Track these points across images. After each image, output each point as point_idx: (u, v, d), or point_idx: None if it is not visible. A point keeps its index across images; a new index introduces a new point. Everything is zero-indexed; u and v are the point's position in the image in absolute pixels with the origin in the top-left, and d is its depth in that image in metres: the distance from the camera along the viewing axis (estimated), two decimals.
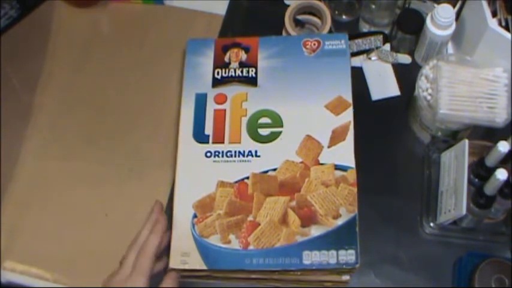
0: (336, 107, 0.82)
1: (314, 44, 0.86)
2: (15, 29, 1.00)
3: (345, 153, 0.80)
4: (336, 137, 0.81)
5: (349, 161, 0.79)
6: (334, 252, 0.74)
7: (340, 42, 0.86)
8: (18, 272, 0.86)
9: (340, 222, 0.76)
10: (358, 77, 0.94)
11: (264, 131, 0.82)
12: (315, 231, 0.76)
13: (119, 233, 0.85)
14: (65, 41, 0.99)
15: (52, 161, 0.93)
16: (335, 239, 0.75)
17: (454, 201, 0.79)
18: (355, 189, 0.78)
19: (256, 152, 0.81)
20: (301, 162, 0.80)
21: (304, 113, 0.82)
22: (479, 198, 0.79)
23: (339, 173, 0.79)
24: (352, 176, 0.78)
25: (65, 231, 0.89)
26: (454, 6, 0.88)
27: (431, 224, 0.83)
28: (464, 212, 0.77)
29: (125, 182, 0.91)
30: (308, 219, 0.77)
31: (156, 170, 0.89)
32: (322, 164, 0.79)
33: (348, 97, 0.82)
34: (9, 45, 1.00)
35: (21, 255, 0.87)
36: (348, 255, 0.74)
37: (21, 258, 0.87)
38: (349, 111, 0.82)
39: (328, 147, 0.80)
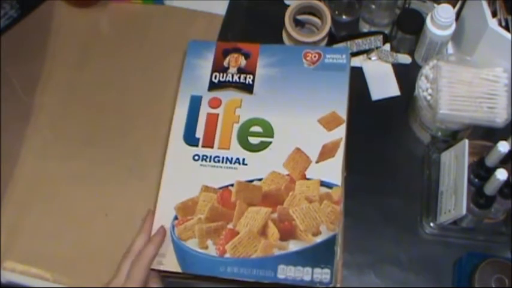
0: (329, 123, 0.81)
1: (315, 56, 0.85)
2: (15, 29, 1.00)
3: (332, 170, 0.78)
4: (326, 152, 0.79)
5: (336, 178, 0.78)
6: (309, 269, 0.73)
7: (341, 57, 0.85)
8: (18, 272, 0.86)
9: (319, 239, 0.75)
10: (358, 77, 0.94)
11: (254, 140, 0.81)
12: (293, 246, 0.75)
13: (119, 233, 0.86)
14: (65, 41, 0.99)
15: (52, 161, 0.93)
16: (312, 256, 0.74)
17: (454, 201, 0.79)
18: (338, 208, 0.76)
19: (244, 160, 0.80)
20: (288, 175, 0.78)
21: (296, 125, 0.81)
22: (479, 198, 0.79)
23: (324, 189, 0.77)
24: (337, 193, 0.77)
25: (65, 231, 0.89)
26: (454, 6, 0.88)
27: (431, 224, 0.83)
28: (464, 212, 0.77)
29: (125, 182, 0.91)
30: (287, 233, 0.75)
31: (156, 170, 0.89)
32: (308, 178, 0.78)
33: (343, 113, 0.81)
34: (9, 45, 1.00)
35: (21, 255, 0.87)
36: (322, 274, 0.73)
37: (21, 258, 0.87)
38: (341, 127, 0.80)
39: (317, 162, 0.79)
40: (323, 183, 0.78)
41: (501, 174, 0.73)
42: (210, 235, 0.76)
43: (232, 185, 0.78)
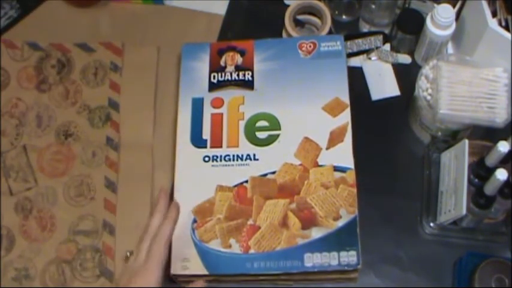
0: (333, 109, 0.82)
1: (310, 46, 0.86)
2: (15, 29, 1.00)
3: (343, 155, 0.80)
4: (334, 138, 0.81)
5: (348, 162, 0.79)
6: (335, 253, 0.74)
7: (335, 44, 0.86)
8: None
9: (340, 223, 0.76)
10: (358, 77, 0.94)
11: (261, 134, 0.82)
12: (315, 233, 0.76)
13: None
14: (65, 41, 0.98)
15: None
16: (336, 241, 0.75)
17: (454, 201, 0.79)
18: (355, 190, 0.78)
19: (254, 155, 0.81)
20: (300, 165, 0.80)
21: (302, 115, 0.82)
22: (479, 198, 0.79)
23: (338, 174, 0.79)
24: (351, 177, 0.78)
25: None
26: (454, 6, 0.88)
27: (431, 224, 0.83)
28: (464, 212, 0.77)
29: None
30: (308, 221, 0.77)
31: (156, 170, 0.89)
32: (321, 165, 0.79)
33: (345, 98, 0.82)
34: None
35: None
36: (349, 257, 0.74)
37: None
38: (346, 112, 0.82)
39: (327, 148, 0.80)
40: (336, 168, 0.79)
41: (501, 174, 0.73)
42: (232, 233, 0.77)
43: (246, 182, 0.79)
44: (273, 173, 0.80)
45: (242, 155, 0.81)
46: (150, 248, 0.73)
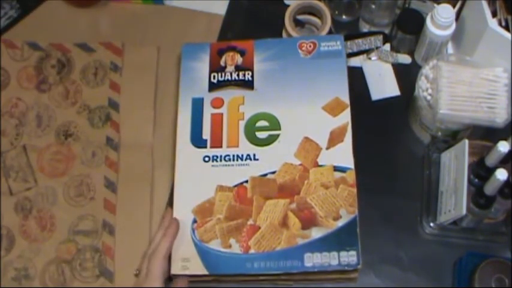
0: (333, 109, 0.82)
1: (310, 46, 0.86)
2: (15, 29, 1.00)
3: (343, 154, 0.80)
4: (334, 138, 0.81)
5: (348, 162, 0.79)
6: (335, 253, 0.74)
7: (335, 43, 0.86)
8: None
9: (340, 223, 0.76)
10: (358, 77, 0.94)
11: (261, 134, 0.82)
12: (315, 233, 0.76)
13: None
14: (65, 41, 0.98)
15: None
16: (336, 241, 0.75)
17: (454, 201, 0.79)
18: (355, 190, 0.78)
19: (254, 155, 0.81)
20: (300, 165, 0.80)
21: (302, 115, 0.82)
22: (479, 198, 0.79)
23: (338, 174, 0.79)
24: (351, 176, 0.78)
25: None
26: (454, 6, 0.88)
27: (431, 224, 0.83)
28: (464, 212, 0.77)
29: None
30: (308, 221, 0.77)
31: (156, 170, 0.89)
32: (321, 165, 0.79)
33: (345, 98, 0.82)
34: None
35: None
36: (349, 257, 0.74)
37: None
38: (346, 112, 0.82)
39: (327, 148, 0.80)
40: (336, 168, 0.79)
41: (501, 174, 0.73)
42: (232, 233, 0.77)
43: (246, 182, 0.79)
44: (273, 173, 0.80)
45: (242, 155, 0.81)
46: (148, 264, 0.74)
